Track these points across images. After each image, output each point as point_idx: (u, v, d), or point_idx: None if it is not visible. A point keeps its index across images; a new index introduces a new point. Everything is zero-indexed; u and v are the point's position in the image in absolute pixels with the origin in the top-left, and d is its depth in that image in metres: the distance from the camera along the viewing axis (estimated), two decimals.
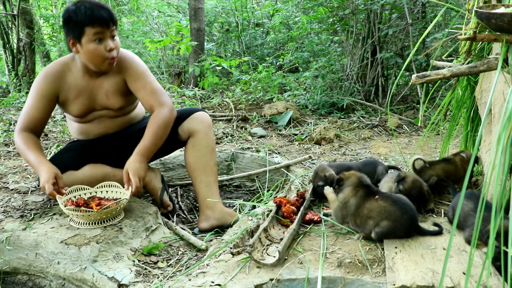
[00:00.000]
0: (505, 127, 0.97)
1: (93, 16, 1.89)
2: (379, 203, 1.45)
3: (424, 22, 4.56)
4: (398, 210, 1.42)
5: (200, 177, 2.09)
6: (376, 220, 1.43)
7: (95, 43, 1.92)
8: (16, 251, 1.67)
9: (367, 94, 4.79)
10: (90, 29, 1.90)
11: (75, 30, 1.91)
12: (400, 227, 1.41)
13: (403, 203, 1.45)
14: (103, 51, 1.94)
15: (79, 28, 1.90)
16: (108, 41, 1.94)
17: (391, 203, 1.44)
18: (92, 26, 1.89)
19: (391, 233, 1.41)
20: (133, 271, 1.52)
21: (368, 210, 1.46)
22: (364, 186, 1.55)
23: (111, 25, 1.94)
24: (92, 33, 1.90)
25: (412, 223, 1.43)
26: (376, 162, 2.14)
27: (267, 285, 1.26)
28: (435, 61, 1.86)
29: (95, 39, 1.91)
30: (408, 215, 1.42)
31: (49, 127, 3.65)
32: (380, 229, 1.42)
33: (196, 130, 2.10)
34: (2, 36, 6.35)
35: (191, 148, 2.11)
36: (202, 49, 5.81)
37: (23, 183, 2.25)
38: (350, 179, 1.58)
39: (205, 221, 2.05)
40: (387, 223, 1.41)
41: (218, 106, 4.41)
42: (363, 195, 1.51)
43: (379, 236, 1.43)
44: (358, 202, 1.50)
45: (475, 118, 2.07)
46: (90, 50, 1.93)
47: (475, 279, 1.17)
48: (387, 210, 1.43)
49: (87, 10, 1.89)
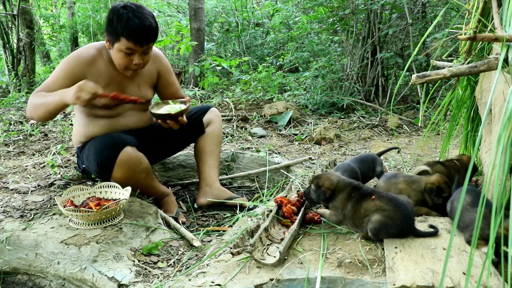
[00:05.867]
0: (505, 127, 0.97)
1: (132, 32, 1.86)
2: (376, 203, 1.47)
3: (424, 22, 4.56)
4: (392, 207, 1.43)
5: (205, 159, 2.31)
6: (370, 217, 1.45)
7: (123, 54, 1.93)
8: (16, 251, 1.66)
9: (367, 94, 4.79)
10: (124, 40, 1.89)
11: (112, 33, 1.92)
12: (393, 224, 1.41)
13: (398, 201, 1.46)
14: (128, 63, 1.97)
15: (116, 34, 1.90)
16: (137, 56, 1.95)
17: (387, 202, 1.45)
18: (127, 40, 1.88)
19: (382, 229, 1.41)
20: (133, 271, 1.52)
21: (365, 210, 1.48)
22: (358, 189, 1.56)
23: (145, 45, 1.93)
24: (125, 45, 1.90)
25: (405, 221, 1.42)
26: (372, 156, 2.14)
27: (267, 285, 1.26)
28: (435, 61, 1.86)
29: (126, 51, 1.92)
30: (401, 213, 1.42)
31: (49, 127, 3.65)
32: (372, 224, 1.43)
33: (213, 121, 2.36)
34: (2, 36, 6.35)
35: (205, 135, 2.34)
36: (202, 49, 5.81)
37: (23, 183, 2.25)
38: (341, 188, 1.58)
39: (203, 196, 2.25)
40: (379, 218, 1.42)
41: (218, 106, 4.40)
42: (359, 198, 1.52)
43: (372, 232, 1.44)
44: (354, 206, 1.52)
45: (475, 118, 2.07)
46: (117, 57, 1.96)
47: (475, 279, 1.17)
48: (383, 209, 1.44)
49: (130, 21, 1.85)
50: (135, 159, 1.95)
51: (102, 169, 1.94)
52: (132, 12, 1.87)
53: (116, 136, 1.97)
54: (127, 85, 2.09)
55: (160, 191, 2.16)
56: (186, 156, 2.77)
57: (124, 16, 1.86)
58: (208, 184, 2.27)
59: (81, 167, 2.20)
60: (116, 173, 1.93)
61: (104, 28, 1.98)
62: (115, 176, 1.94)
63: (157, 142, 2.30)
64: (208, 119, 2.36)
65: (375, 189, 1.60)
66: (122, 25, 1.85)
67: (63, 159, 2.66)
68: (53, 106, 1.87)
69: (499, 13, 1.33)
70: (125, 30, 1.86)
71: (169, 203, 2.18)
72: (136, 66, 1.98)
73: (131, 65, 1.97)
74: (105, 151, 1.91)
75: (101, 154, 1.91)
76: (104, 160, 1.91)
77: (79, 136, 2.14)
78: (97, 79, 1.97)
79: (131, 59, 1.95)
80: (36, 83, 6.53)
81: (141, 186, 2.07)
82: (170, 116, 2.03)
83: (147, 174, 2.04)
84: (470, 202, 1.43)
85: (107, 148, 1.91)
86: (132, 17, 1.86)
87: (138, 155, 1.97)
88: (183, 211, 2.27)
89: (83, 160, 2.11)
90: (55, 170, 2.42)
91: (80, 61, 1.98)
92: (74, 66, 1.97)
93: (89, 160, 2.00)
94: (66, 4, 9.08)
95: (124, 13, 1.87)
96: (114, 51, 1.96)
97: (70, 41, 8.11)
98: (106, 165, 1.91)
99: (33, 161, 2.68)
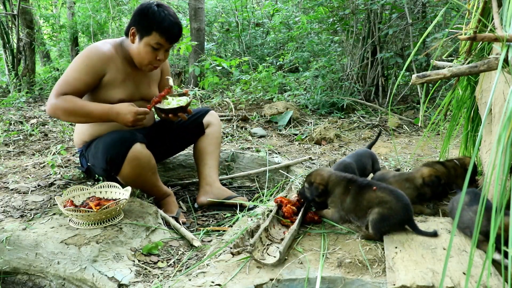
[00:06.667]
0: (505, 127, 0.97)
1: (167, 28, 1.98)
2: (377, 194, 1.49)
3: (424, 22, 4.56)
4: (394, 198, 1.47)
5: (205, 160, 2.33)
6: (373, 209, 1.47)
7: (151, 48, 2.01)
8: (16, 251, 1.66)
9: (367, 94, 4.79)
10: (157, 35, 1.98)
11: (144, 26, 1.99)
12: (394, 214, 1.44)
13: (398, 192, 1.50)
14: (152, 58, 2.04)
15: (148, 28, 1.98)
16: (162, 52, 2.05)
17: (388, 193, 1.49)
18: (160, 35, 1.98)
19: (384, 220, 1.44)
20: (133, 271, 1.52)
21: (368, 201, 1.50)
22: (353, 181, 1.58)
23: (173, 43, 2.05)
24: (156, 40, 1.99)
25: (406, 211, 1.45)
26: (369, 152, 2.15)
27: (267, 285, 1.26)
28: (435, 61, 1.86)
29: (154, 46, 2.00)
30: (402, 203, 1.46)
31: (49, 127, 3.65)
32: (373, 215, 1.45)
33: (212, 123, 2.40)
34: (2, 36, 6.35)
35: (205, 136, 2.37)
36: (202, 49, 5.81)
37: (23, 183, 2.25)
38: (335, 183, 1.60)
39: (204, 195, 2.26)
40: (381, 210, 1.45)
41: (218, 106, 4.40)
42: (357, 190, 1.55)
43: (373, 223, 1.45)
44: (355, 199, 1.54)
45: (475, 118, 2.07)
46: (143, 50, 2.01)
47: (475, 279, 1.17)
48: (385, 201, 1.47)
49: (165, 19, 1.97)
50: (145, 156, 1.96)
51: (110, 166, 1.93)
52: (167, 11, 2.00)
53: (126, 133, 1.97)
54: (140, 82, 2.14)
55: (163, 191, 2.17)
56: (186, 156, 2.77)
57: (160, 13, 1.97)
58: (208, 183, 2.28)
59: (84, 166, 2.19)
60: (125, 169, 1.92)
61: (131, 21, 2.05)
62: (124, 173, 1.94)
63: (159, 142, 2.31)
64: (208, 121, 2.40)
65: (372, 181, 1.62)
66: (157, 21, 1.96)
67: (63, 159, 2.66)
68: (97, 119, 1.95)
69: (499, 13, 1.33)
70: (160, 26, 1.97)
71: (170, 203, 2.18)
72: (158, 62, 2.07)
73: (153, 60, 2.05)
74: (115, 147, 1.90)
75: (110, 150, 1.91)
76: (113, 156, 1.90)
77: (84, 136, 2.14)
78: (116, 74, 2.02)
79: (156, 54, 2.03)
80: (36, 83, 6.53)
81: (147, 185, 2.07)
82: (182, 108, 2.09)
83: (153, 172, 2.05)
84: (468, 202, 1.44)
85: (116, 144, 1.91)
86: (167, 14, 1.99)
87: (148, 152, 1.98)
88: (183, 211, 2.27)
89: (88, 158, 2.10)
90: (55, 170, 2.42)
91: (102, 55, 1.99)
92: (96, 60, 1.97)
93: (97, 157, 1.99)
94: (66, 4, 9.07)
95: (160, 10, 1.98)
96: (140, 45, 2.01)
97: (70, 41, 8.11)
98: (115, 161, 1.91)
99: (33, 161, 2.68)
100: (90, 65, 1.95)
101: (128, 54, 2.08)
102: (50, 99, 1.91)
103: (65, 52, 8.80)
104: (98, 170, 2.07)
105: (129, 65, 2.09)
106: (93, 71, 1.95)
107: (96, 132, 2.09)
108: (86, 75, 1.94)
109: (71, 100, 1.90)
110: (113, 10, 7.27)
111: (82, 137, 2.15)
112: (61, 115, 1.91)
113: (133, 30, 2.01)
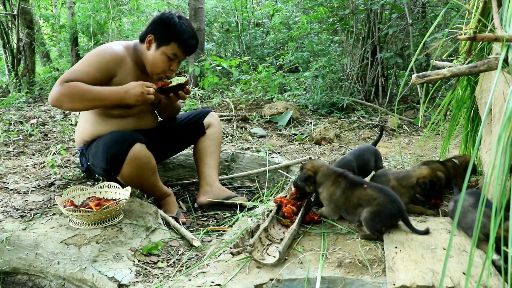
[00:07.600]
0: (505, 127, 0.97)
1: (185, 41, 2.03)
2: (367, 192, 1.51)
3: (424, 22, 4.56)
4: (382, 195, 1.48)
5: (205, 160, 2.34)
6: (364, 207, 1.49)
7: (166, 58, 2.04)
8: (16, 251, 1.66)
9: (367, 94, 4.79)
10: (175, 46, 2.02)
11: (164, 36, 2.02)
12: (384, 210, 1.45)
13: (387, 189, 1.51)
14: (166, 68, 2.07)
15: (168, 38, 2.01)
16: (175, 63, 2.08)
17: (378, 191, 1.50)
18: (178, 47, 2.03)
19: (375, 217, 1.45)
20: (133, 271, 1.52)
21: (358, 198, 1.51)
22: (344, 176, 1.59)
23: (188, 56, 2.11)
24: (173, 51, 2.03)
25: (394, 204, 1.46)
26: (372, 149, 2.13)
27: (267, 285, 1.26)
28: (435, 61, 1.86)
29: (170, 56, 2.04)
30: (390, 198, 1.47)
31: (49, 127, 3.65)
32: (364, 214, 1.46)
33: (213, 124, 2.41)
34: (2, 36, 6.34)
35: (205, 137, 2.38)
36: (202, 49, 5.81)
37: (23, 183, 2.25)
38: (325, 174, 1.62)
39: (204, 195, 2.26)
40: (371, 208, 1.46)
41: (218, 106, 4.41)
42: (348, 185, 1.56)
43: (366, 221, 1.46)
44: (344, 193, 1.55)
45: (475, 118, 2.07)
46: (158, 59, 2.04)
47: (475, 279, 1.17)
48: (374, 198, 1.48)
49: (185, 32, 2.02)
50: (145, 156, 1.96)
51: (110, 165, 1.93)
52: (188, 24, 2.05)
53: (126, 133, 1.98)
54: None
55: (163, 191, 2.17)
56: (186, 156, 2.77)
57: (181, 25, 2.02)
58: (208, 183, 2.29)
59: (84, 166, 2.20)
60: (125, 169, 1.92)
61: (149, 28, 2.06)
62: (124, 173, 1.94)
63: (159, 142, 2.32)
64: (208, 121, 2.41)
65: (364, 180, 1.63)
66: (178, 32, 2.01)
67: (63, 159, 2.66)
68: (109, 102, 1.93)
69: (499, 13, 1.33)
70: (180, 38, 2.01)
71: (170, 203, 2.18)
72: (170, 72, 2.10)
73: (167, 70, 2.08)
74: (115, 147, 1.91)
75: (110, 150, 1.91)
76: (113, 155, 1.91)
77: (85, 135, 2.14)
78: (126, 77, 2.02)
79: (170, 64, 2.07)
80: (36, 83, 6.53)
81: (147, 185, 2.07)
82: (181, 85, 2.11)
83: (153, 173, 2.06)
84: (473, 204, 1.44)
85: (117, 144, 1.91)
86: (187, 27, 2.03)
87: (148, 152, 1.98)
88: (183, 211, 2.27)
89: (88, 158, 2.10)
90: (55, 170, 2.42)
91: (115, 56, 2.00)
92: (109, 59, 1.97)
93: (97, 156, 2.00)
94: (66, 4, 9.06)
95: (181, 22, 2.02)
96: (156, 53, 2.03)
97: (70, 41, 8.10)
98: (115, 161, 1.91)
99: (33, 161, 2.68)
100: (102, 63, 1.95)
101: (140, 59, 2.09)
102: (54, 87, 1.89)
103: (65, 52, 8.79)
104: (98, 170, 2.07)
105: (139, 70, 2.10)
106: (105, 69, 1.96)
107: (97, 132, 2.09)
108: (96, 71, 1.94)
109: (76, 85, 1.87)
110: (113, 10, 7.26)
111: (83, 136, 2.15)
112: (66, 102, 1.87)
113: (151, 37, 2.03)
